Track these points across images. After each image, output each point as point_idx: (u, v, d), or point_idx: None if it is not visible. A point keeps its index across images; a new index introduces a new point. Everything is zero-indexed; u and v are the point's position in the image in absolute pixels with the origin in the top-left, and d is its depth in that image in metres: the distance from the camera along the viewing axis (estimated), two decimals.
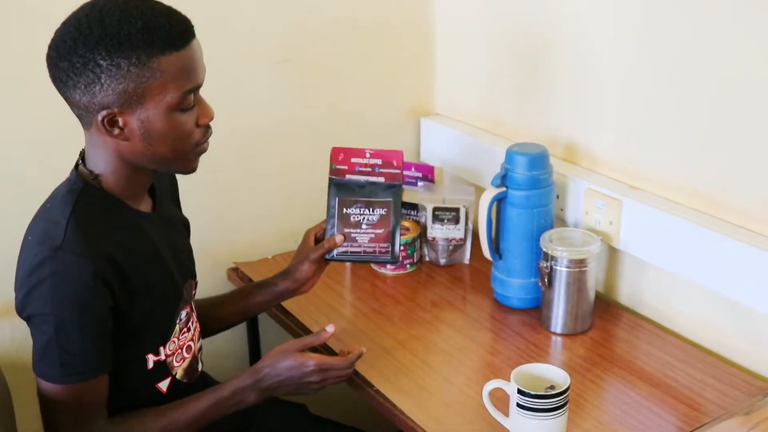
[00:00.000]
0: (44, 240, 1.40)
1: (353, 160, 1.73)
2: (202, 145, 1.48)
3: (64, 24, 1.39)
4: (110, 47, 1.34)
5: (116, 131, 1.40)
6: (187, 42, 1.39)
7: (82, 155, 1.49)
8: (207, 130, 1.48)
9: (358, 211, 1.67)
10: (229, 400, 1.56)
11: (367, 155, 1.70)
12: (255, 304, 1.82)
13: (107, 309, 1.42)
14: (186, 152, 1.46)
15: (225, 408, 1.57)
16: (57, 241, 1.38)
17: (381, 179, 1.69)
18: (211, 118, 1.47)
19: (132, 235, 1.49)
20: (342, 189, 1.70)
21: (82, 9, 1.39)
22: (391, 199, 1.68)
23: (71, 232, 1.39)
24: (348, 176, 1.71)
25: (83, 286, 1.38)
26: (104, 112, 1.38)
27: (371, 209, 1.67)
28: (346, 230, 1.69)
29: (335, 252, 1.68)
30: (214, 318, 1.80)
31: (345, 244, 1.67)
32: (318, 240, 1.77)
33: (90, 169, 1.47)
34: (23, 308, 1.42)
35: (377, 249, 1.65)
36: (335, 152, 1.74)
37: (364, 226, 1.66)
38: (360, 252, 1.65)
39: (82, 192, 1.45)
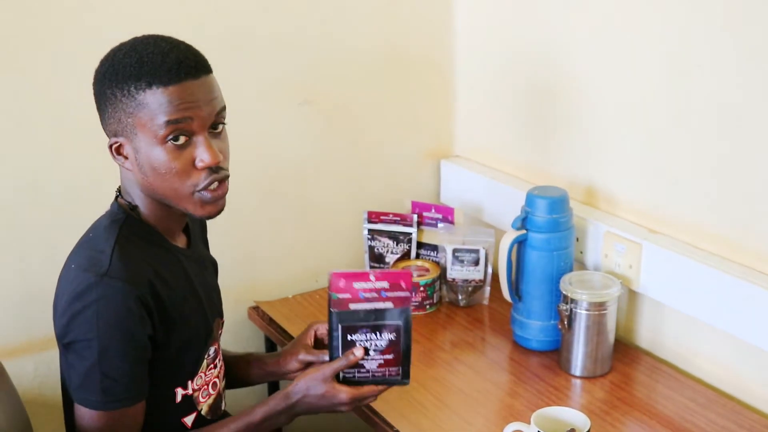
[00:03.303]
0: (89, 267, 1.43)
1: (356, 285, 1.51)
2: (207, 192, 1.45)
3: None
4: (111, 78, 1.42)
5: (121, 159, 1.47)
6: (177, 80, 1.40)
7: (120, 189, 1.54)
8: (210, 174, 1.45)
9: (364, 337, 1.52)
10: (260, 425, 1.57)
11: (372, 278, 1.50)
12: (249, 375, 1.81)
13: (147, 336, 1.45)
14: (184, 193, 1.45)
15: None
16: (103, 268, 1.42)
17: (390, 305, 1.52)
18: (212, 163, 1.43)
19: (171, 267, 1.53)
20: (345, 318, 1.52)
21: (118, 44, 1.47)
22: (401, 323, 1.53)
23: (116, 259, 1.43)
24: (351, 305, 1.52)
25: (127, 312, 1.41)
26: (113, 140, 1.46)
27: (379, 334, 1.52)
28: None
29: (341, 375, 1.56)
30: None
31: (352, 369, 1.55)
32: (317, 340, 1.73)
33: (128, 201, 1.51)
34: (65, 334, 1.45)
35: (387, 372, 1.55)
36: (335, 279, 1.51)
37: (372, 353, 1.54)
38: (369, 377, 1.55)
39: (124, 222, 1.49)
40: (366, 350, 1.53)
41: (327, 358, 1.57)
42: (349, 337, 1.53)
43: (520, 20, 2.19)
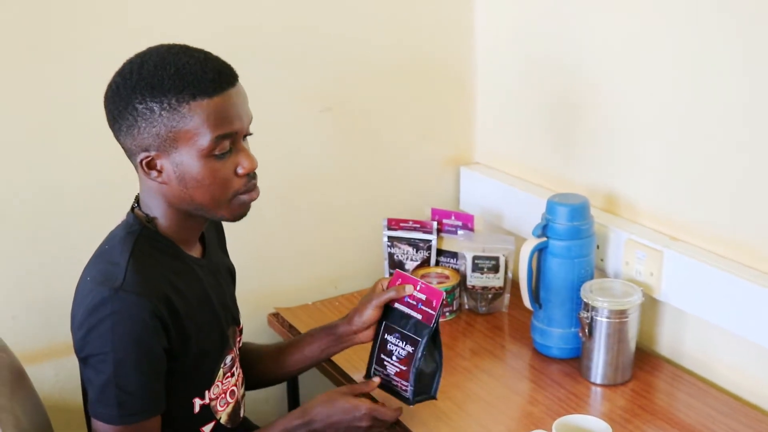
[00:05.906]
0: (104, 280, 1.43)
1: (407, 288, 1.69)
2: (245, 195, 1.50)
3: (117, 70, 1.45)
4: (144, 91, 1.40)
5: (154, 174, 1.45)
6: (221, 89, 1.42)
7: (137, 199, 1.53)
8: (249, 179, 1.50)
9: (394, 340, 1.67)
10: None
11: (418, 287, 1.66)
12: (317, 348, 1.78)
13: (162, 349, 1.45)
14: (225, 200, 1.48)
15: None
16: (117, 281, 1.42)
17: (419, 317, 1.65)
18: (252, 168, 1.48)
19: (185, 278, 1.53)
20: (390, 315, 1.69)
21: (133, 56, 1.46)
22: (420, 339, 1.64)
23: (131, 272, 1.43)
24: (396, 304, 1.69)
25: (142, 325, 1.41)
26: (143, 155, 1.44)
27: (404, 342, 1.65)
28: (382, 355, 1.70)
29: (372, 369, 1.70)
30: (280, 365, 1.80)
31: (380, 367, 1.68)
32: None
33: (145, 213, 1.51)
34: (82, 348, 1.45)
35: (400, 385, 1.66)
36: (395, 276, 1.71)
37: (393, 358, 1.66)
38: (388, 382, 1.68)
39: (140, 234, 1.49)
40: (391, 353, 1.67)
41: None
42: (386, 336, 1.68)
43: (540, 27, 2.19)
